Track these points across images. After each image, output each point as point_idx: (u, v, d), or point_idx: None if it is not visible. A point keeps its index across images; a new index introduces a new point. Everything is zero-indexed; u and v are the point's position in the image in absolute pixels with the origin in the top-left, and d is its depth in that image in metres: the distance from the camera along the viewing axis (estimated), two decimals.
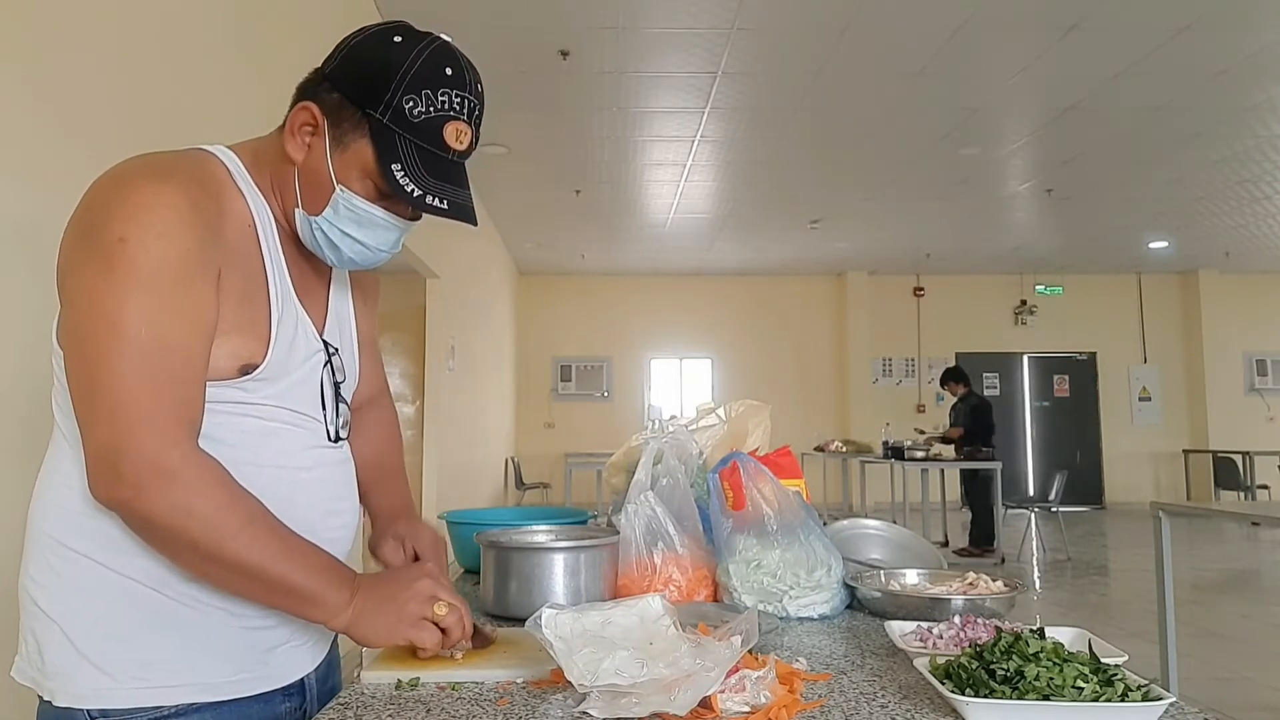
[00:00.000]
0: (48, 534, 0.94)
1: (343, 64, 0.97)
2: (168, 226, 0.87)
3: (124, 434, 0.84)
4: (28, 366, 1.80)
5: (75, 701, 0.90)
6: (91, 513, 0.91)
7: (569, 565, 1.24)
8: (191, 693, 0.93)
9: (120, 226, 0.86)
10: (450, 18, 4.47)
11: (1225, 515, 5.61)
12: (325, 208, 0.97)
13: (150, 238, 0.86)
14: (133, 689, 0.91)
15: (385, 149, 0.94)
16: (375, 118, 0.94)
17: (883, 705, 0.89)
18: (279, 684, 1.01)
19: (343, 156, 0.96)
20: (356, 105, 0.94)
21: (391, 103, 0.93)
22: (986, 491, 7.53)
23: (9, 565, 1.68)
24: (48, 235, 0.94)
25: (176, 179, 0.90)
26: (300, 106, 0.97)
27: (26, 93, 1.82)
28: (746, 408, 1.70)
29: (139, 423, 0.84)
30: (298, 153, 0.97)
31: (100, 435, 0.85)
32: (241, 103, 2.87)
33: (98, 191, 0.90)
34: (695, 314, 12.13)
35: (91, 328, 0.86)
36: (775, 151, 6.77)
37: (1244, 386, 11.83)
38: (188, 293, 0.88)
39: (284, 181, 1.00)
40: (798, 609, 1.29)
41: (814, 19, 4.57)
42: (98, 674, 0.91)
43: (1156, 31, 4.73)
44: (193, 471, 0.86)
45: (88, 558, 0.92)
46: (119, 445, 0.84)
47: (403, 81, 0.93)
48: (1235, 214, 8.77)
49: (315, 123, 0.96)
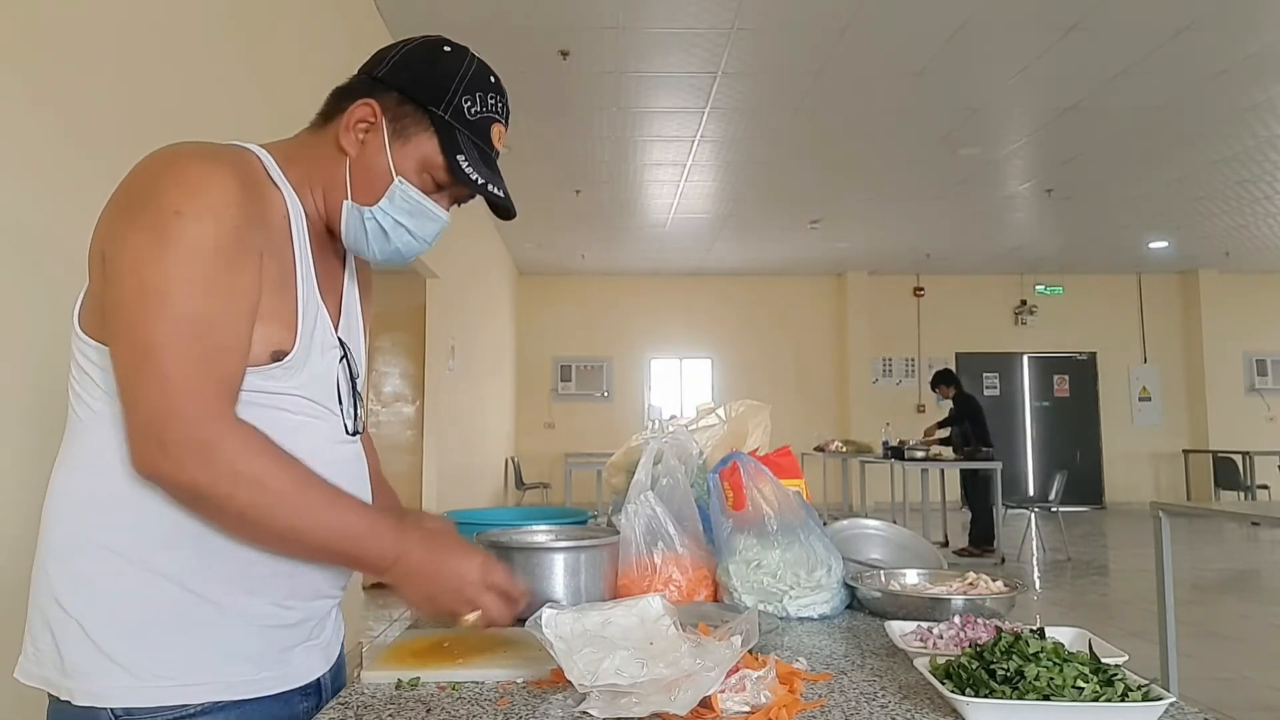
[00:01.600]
0: (67, 529, 0.93)
1: (397, 67, 1.04)
2: (221, 205, 0.89)
3: (170, 406, 0.86)
4: (29, 366, 1.80)
5: (97, 700, 0.90)
6: (116, 504, 0.91)
7: (569, 565, 1.24)
8: (215, 691, 0.93)
9: (176, 200, 0.88)
10: (450, 18, 4.47)
11: (1225, 515, 5.61)
12: (381, 198, 1.02)
13: (205, 213, 0.88)
14: (157, 687, 0.91)
15: (449, 142, 1.02)
16: (438, 114, 1.02)
17: (883, 705, 0.89)
18: (297, 684, 1.01)
19: (403, 149, 1.02)
20: (418, 103, 1.02)
21: (453, 101, 1.02)
22: (986, 491, 7.54)
23: (9, 565, 1.69)
24: (44, 235, 0.94)
25: (227, 161, 0.94)
26: (360, 103, 1.01)
27: (26, 94, 1.82)
28: (746, 408, 1.70)
29: (184, 396, 0.86)
30: (353, 147, 1.02)
31: (146, 407, 0.86)
32: (242, 103, 2.87)
33: (149, 167, 0.92)
34: (695, 314, 12.13)
35: (141, 300, 0.87)
36: (775, 151, 6.77)
37: (1244, 386, 11.83)
38: (236, 271, 0.90)
39: (329, 175, 1.03)
40: (798, 609, 1.29)
41: (814, 19, 4.57)
42: (121, 672, 0.90)
43: (1156, 31, 4.73)
44: (237, 441, 0.88)
45: (111, 551, 0.91)
46: (164, 417, 0.86)
47: (462, 82, 1.03)
48: (1235, 214, 8.77)
49: (374, 118, 1.01)
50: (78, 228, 1.90)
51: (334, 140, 1.02)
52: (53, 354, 1.80)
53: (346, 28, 4.00)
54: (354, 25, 4.12)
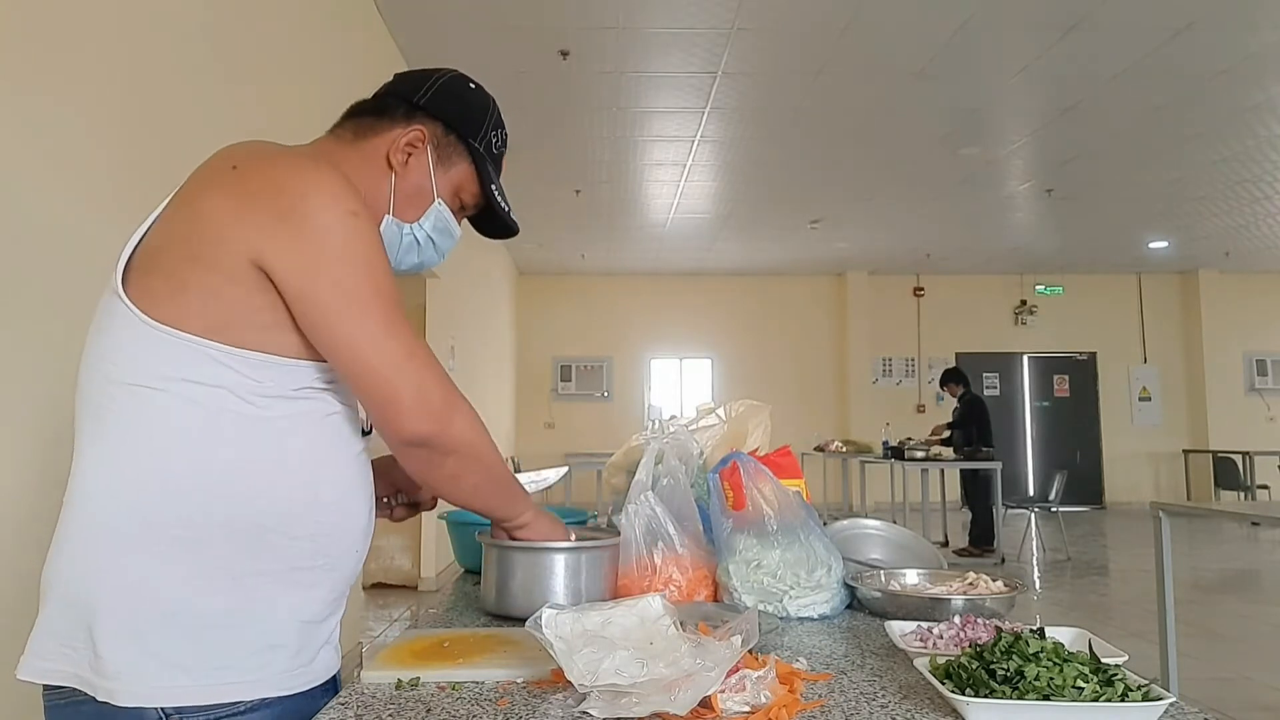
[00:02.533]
0: (114, 526, 0.91)
1: (438, 97, 1.14)
2: (363, 209, 0.99)
3: (429, 374, 0.97)
4: (35, 371, 1.80)
5: (144, 700, 0.88)
6: (171, 499, 0.90)
7: (569, 565, 1.24)
8: (264, 687, 0.93)
9: (345, 203, 0.96)
10: (450, 18, 4.47)
11: (1225, 515, 5.61)
12: (422, 216, 1.13)
13: (366, 216, 0.98)
14: (207, 685, 0.90)
15: (485, 172, 1.17)
16: (475, 146, 1.16)
17: (883, 705, 0.89)
18: (320, 680, 1.01)
19: (445, 175, 1.14)
20: (460, 134, 1.15)
21: (485, 135, 1.17)
22: (986, 491, 7.54)
23: (8, 565, 1.69)
24: (44, 234, 0.93)
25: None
26: (415, 128, 1.11)
27: (27, 94, 1.82)
28: (746, 408, 1.70)
29: (433, 366, 0.99)
30: (401, 166, 1.11)
31: (406, 378, 0.96)
32: (242, 102, 2.87)
33: (285, 174, 0.96)
34: (695, 314, 12.13)
35: (369, 290, 0.95)
36: (775, 151, 6.77)
37: (1244, 386, 11.83)
38: None
39: (372, 188, 1.08)
40: (798, 609, 1.29)
41: (814, 18, 4.57)
42: (170, 670, 0.89)
43: (1156, 31, 4.73)
44: (464, 401, 1.02)
45: (166, 542, 0.90)
46: (427, 384, 0.97)
47: (491, 119, 1.18)
48: (1235, 214, 8.77)
49: (422, 143, 1.11)
50: (80, 225, 1.91)
51: (379, 156, 1.10)
52: (57, 351, 1.80)
53: (346, 33, 4.00)
54: (354, 30, 4.12)
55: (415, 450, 1.00)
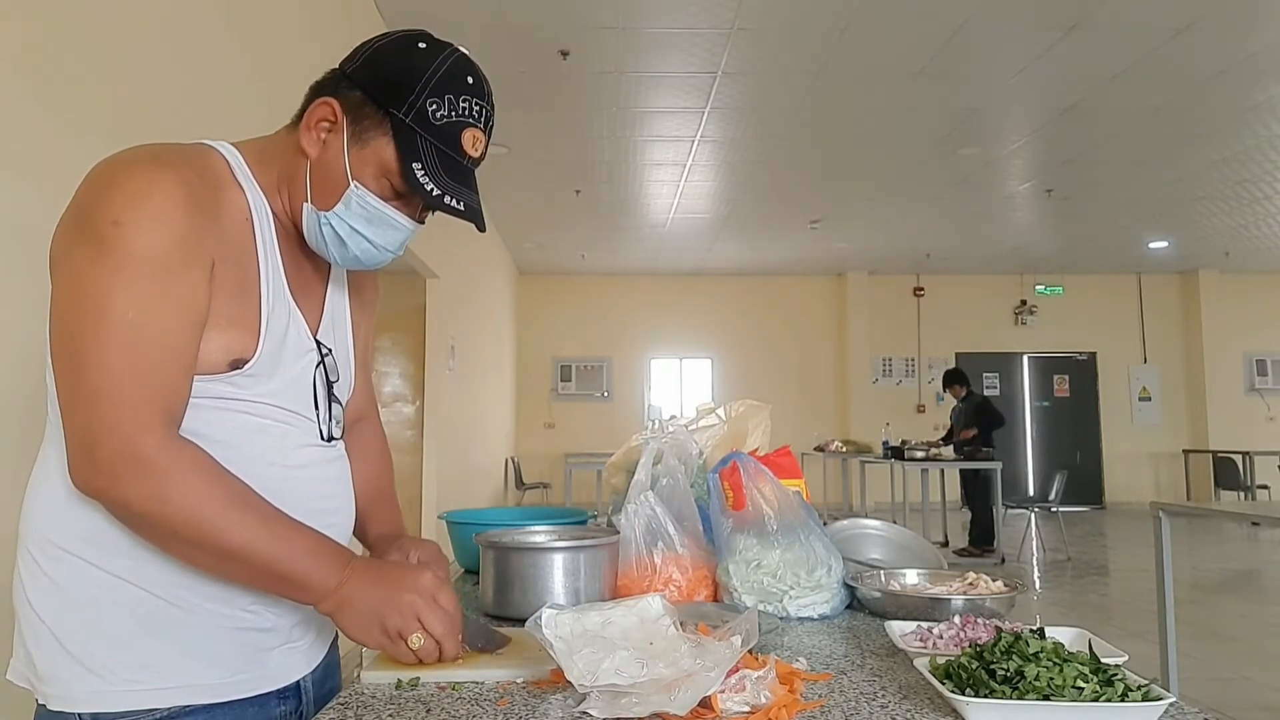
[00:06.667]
0: (37, 533, 0.93)
1: (366, 64, 0.98)
2: (163, 213, 0.87)
3: (101, 421, 0.84)
4: (22, 368, 1.80)
5: (68, 705, 0.89)
6: (77, 509, 0.90)
7: (569, 565, 1.24)
8: (185, 695, 0.92)
9: (116, 210, 0.85)
10: (450, 18, 4.47)
11: (1225, 515, 5.61)
12: (337, 203, 0.97)
13: (145, 223, 0.86)
14: (126, 691, 0.90)
15: (407, 148, 0.95)
16: (398, 117, 0.95)
17: (883, 705, 0.89)
18: (274, 686, 1.00)
19: (360, 153, 0.96)
20: (379, 104, 0.96)
21: (415, 104, 0.95)
22: (986, 491, 7.54)
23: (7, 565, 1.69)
24: (44, 233, 0.93)
25: (175, 167, 0.90)
26: (320, 102, 0.97)
27: (25, 90, 1.82)
28: (746, 408, 1.69)
29: (117, 410, 0.84)
30: (312, 148, 0.98)
31: (79, 421, 0.85)
32: (242, 101, 2.87)
33: (95, 177, 0.90)
34: (695, 314, 12.13)
35: (79, 311, 0.85)
36: (775, 151, 6.77)
37: (1244, 386, 11.83)
38: (179, 280, 0.88)
39: (294, 176, 0.99)
40: (798, 609, 1.29)
41: (814, 19, 4.57)
42: (90, 676, 0.89)
43: (1156, 31, 4.73)
44: (169, 458, 0.85)
45: (76, 556, 0.90)
46: (96, 432, 0.84)
47: (427, 84, 0.95)
48: (1235, 214, 8.77)
49: (334, 119, 0.97)
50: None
51: (298, 140, 0.99)
52: (43, 356, 1.80)
53: (348, 25, 4.00)
54: (354, 23, 4.11)
55: (108, 509, 0.88)
